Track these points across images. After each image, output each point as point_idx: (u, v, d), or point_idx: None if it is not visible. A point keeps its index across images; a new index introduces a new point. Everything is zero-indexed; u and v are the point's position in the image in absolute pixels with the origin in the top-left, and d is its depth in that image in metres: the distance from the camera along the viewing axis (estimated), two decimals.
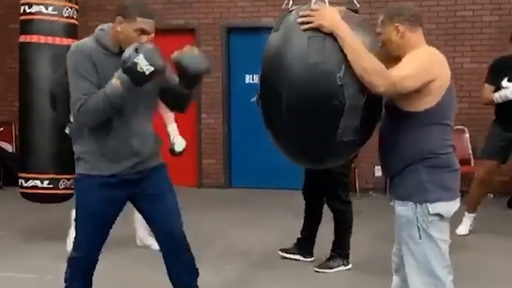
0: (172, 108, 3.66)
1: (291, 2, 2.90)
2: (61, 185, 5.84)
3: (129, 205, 3.50)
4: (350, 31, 2.74)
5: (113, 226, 3.47)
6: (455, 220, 3.10)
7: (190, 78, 3.28)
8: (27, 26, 5.90)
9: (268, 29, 2.98)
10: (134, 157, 3.32)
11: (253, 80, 9.01)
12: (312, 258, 5.35)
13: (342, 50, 2.72)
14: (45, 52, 5.78)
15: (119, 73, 3.08)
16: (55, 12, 5.80)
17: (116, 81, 3.08)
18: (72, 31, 5.91)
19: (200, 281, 3.61)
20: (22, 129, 6.08)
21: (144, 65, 3.00)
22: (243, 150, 9.24)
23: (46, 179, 5.81)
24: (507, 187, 8.20)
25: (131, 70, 3.02)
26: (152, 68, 3.02)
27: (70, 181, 5.80)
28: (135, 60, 3.00)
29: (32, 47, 5.86)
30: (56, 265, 5.20)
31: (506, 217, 7.33)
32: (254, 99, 3.04)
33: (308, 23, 2.75)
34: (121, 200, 3.41)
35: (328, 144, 2.84)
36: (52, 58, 5.74)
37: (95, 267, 3.49)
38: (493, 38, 8.34)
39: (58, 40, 5.79)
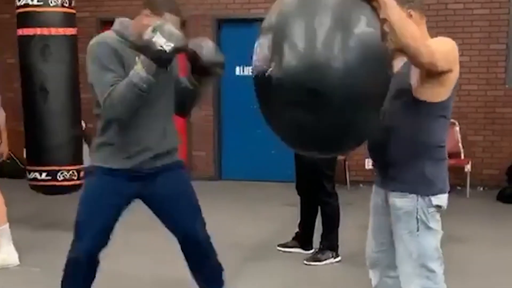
0: (176, 111, 3.50)
1: None
2: (59, 176, 5.88)
3: None
4: (395, 3, 2.64)
5: None
6: (445, 211, 3.08)
7: (206, 69, 3.21)
8: (20, 19, 5.89)
9: (259, 21, 2.94)
10: (148, 152, 3.25)
11: (243, 71, 8.98)
12: (312, 250, 5.36)
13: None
14: (37, 44, 5.74)
15: (141, 58, 3.00)
16: (41, 3, 5.74)
17: (138, 67, 2.99)
18: (64, 21, 5.83)
19: (190, 273, 3.60)
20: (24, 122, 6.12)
21: (163, 43, 2.93)
22: (233, 142, 9.22)
23: (44, 171, 5.87)
24: (497, 180, 8.23)
25: (151, 51, 2.95)
26: (172, 44, 2.94)
27: (70, 172, 5.89)
28: (153, 40, 2.93)
29: (25, 40, 5.84)
30: (43, 258, 5.20)
31: (496, 210, 7.35)
32: (269, 71, 2.52)
33: None
34: (129, 195, 3.31)
35: (377, 119, 2.68)
36: (46, 50, 5.72)
37: (96, 270, 3.34)
38: (484, 31, 8.35)
39: (46, 31, 5.74)
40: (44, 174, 5.87)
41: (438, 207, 2.94)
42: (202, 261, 3.49)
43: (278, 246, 5.50)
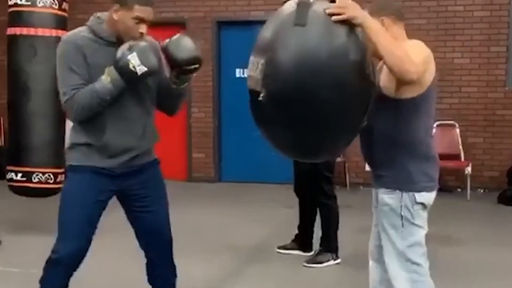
0: (163, 110, 3.43)
1: None
2: (34, 178, 5.74)
3: None
4: (377, 23, 2.78)
5: None
6: (445, 213, 3.10)
7: (180, 68, 3.12)
8: (9, 19, 5.89)
9: (259, 23, 2.93)
10: (129, 153, 3.20)
11: (243, 74, 8.97)
12: (312, 252, 5.35)
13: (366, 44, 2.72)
14: (23, 44, 5.70)
15: (110, 70, 2.99)
16: (29, 3, 5.67)
17: (106, 78, 2.99)
18: (53, 22, 5.74)
19: (188, 274, 3.59)
20: (9, 122, 6.07)
21: (136, 65, 2.93)
22: (232, 144, 9.21)
23: (20, 171, 5.78)
24: (498, 183, 8.22)
25: (122, 69, 2.95)
26: (144, 69, 2.95)
27: (46, 176, 5.74)
28: (128, 58, 2.93)
29: (12, 39, 5.83)
30: (41, 259, 5.16)
31: (496, 212, 7.34)
32: (261, 97, 2.71)
33: (339, 15, 2.67)
34: (110, 193, 3.26)
35: (353, 133, 2.84)
36: (30, 49, 5.68)
37: (76, 268, 3.28)
38: (484, 33, 8.35)
39: (32, 31, 5.67)
40: (19, 175, 5.76)
41: (423, 205, 3.00)
42: (170, 258, 3.42)
43: (278, 248, 5.49)
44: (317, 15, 2.65)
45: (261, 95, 2.68)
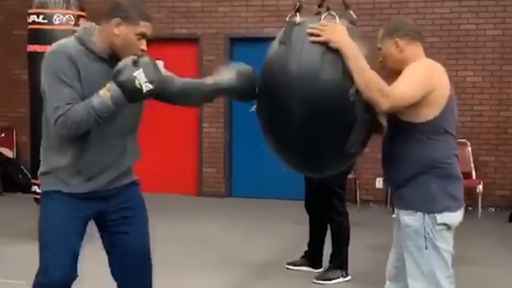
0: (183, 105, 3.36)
1: (298, 16, 2.84)
2: None
3: None
4: (357, 50, 2.76)
5: None
6: (456, 232, 3.09)
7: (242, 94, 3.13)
8: (29, 36, 6.07)
9: (271, 40, 2.97)
10: (108, 173, 3.02)
11: (255, 89, 8.99)
12: (322, 269, 5.34)
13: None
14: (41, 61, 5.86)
15: (111, 86, 2.76)
16: (45, 21, 5.87)
17: (105, 94, 2.76)
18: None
19: None
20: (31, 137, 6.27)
21: (143, 82, 2.72)
22: (243, 160, 9.22)
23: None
24: (509, 201, 8.18)
25: (127, 85, 2.73)
26: (150, 86, 2.74)
27: None
28: (134, 74, 2.71)
29: (32, 56, 5.99)
30: None
31: (507, 231, 7.30)
32: (253, 108, 2.98)
33: (317, 36, 2.74)
34: (88, 217, 3.10)
35: (335, 155, 2.90)
36: None
37: None
38: (496, 52, 8.34)
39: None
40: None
41: (446, 225, 2.98)
42: (147, 279, 3.22)
43: (287, 264, 5.48)
44: (299, 35, 2.78)
45: (253, 106, 3.01)
